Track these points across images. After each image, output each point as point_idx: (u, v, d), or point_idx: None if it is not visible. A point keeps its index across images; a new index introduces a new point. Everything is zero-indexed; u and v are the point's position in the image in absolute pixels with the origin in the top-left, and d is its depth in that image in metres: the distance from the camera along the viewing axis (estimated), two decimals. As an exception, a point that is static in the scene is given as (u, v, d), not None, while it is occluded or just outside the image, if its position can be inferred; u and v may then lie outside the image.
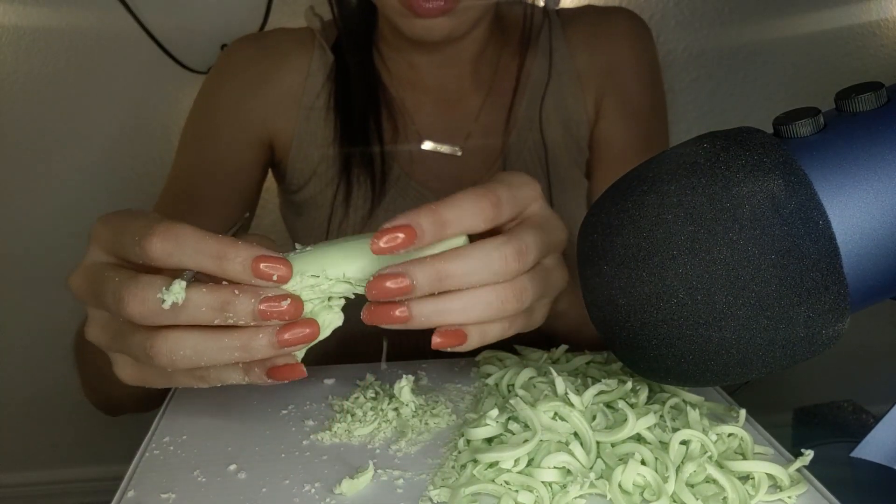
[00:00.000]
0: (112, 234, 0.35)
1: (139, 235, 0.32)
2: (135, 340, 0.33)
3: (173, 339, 0.32)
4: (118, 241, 0.34)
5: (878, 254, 0.29)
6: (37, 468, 1.21)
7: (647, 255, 0.29)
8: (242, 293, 0.32)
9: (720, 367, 0.30)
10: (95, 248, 0.36)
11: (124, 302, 0.32)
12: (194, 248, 0.32)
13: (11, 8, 1.02)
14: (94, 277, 0.35)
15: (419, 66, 0.67)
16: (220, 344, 0.32)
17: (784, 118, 0.31)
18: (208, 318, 0.32)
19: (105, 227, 0.35)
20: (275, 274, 0.32)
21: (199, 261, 0.32)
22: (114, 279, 0.33)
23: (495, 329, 0.37)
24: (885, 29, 1.18)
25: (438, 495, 0.31)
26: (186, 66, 1.05)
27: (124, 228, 0.34)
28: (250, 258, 0.31)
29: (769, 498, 0.31)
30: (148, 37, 1.03)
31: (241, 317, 0.32)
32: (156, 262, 0.32)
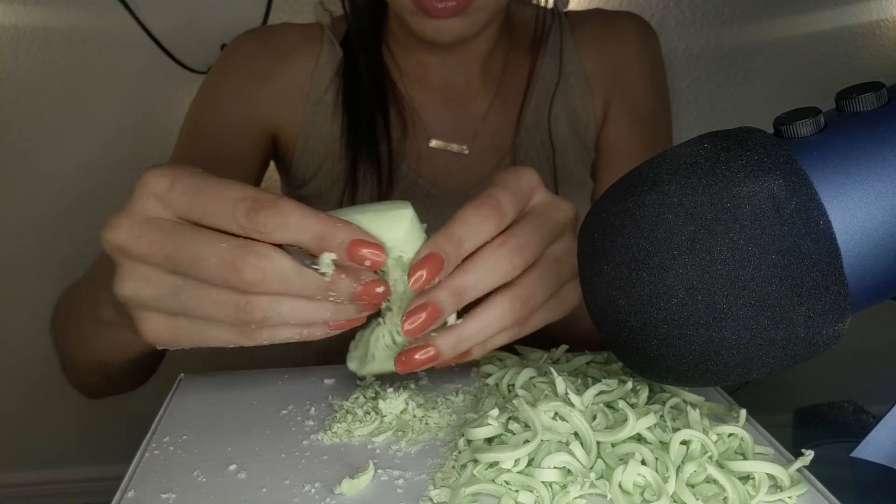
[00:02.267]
0: (192, 193, 0.33)
1: (245, 207, 0.32)
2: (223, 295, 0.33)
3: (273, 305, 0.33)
4: (196, 204, 0.33)
5: (878, 254, 0.29)
6: (37, 468, 1.21)
7: (647, 255, 0.29)
8: (348, 276, 0.33)
9: (720, 368, 0.30)
10: (152, 202, 0.34)
11: (240, 269, 0.32)
12: (298, 225, 0.32)
13: (11, 8, 1.02)
14: (167, 234, 0.33)
15: (428, 65, 0.68)
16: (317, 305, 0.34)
17: (785, 118, 0.31)
18: (312, 294, 0.33)
19: (176, 183, 0.34)
20: (370, 259, 0.33)
21: (301, 237, 0.33)
22: (216, 243, 0.32)
23: (502, 338, 0.38)
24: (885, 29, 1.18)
25: (439, 495, 0.31)
26: (186, 66, 1.05)
27: (215, 192, 0.33)
28: (348, 240, 0.33)
29: (769, 498, 0.31)
30: (148, 37, 1.03)
31: (342, 297, 0.34)
32: (259, 234, 0.32)
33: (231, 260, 0.32)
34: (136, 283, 0.34)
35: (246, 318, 0.33)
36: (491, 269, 0.36)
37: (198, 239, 0.33)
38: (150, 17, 1.03)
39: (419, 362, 0.35)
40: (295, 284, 0.33)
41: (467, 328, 0.36)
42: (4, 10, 1.02)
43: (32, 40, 1.03)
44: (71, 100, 1.06)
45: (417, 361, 0.35)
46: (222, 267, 0.32)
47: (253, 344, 0.35)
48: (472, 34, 0.60)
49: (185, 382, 0.43)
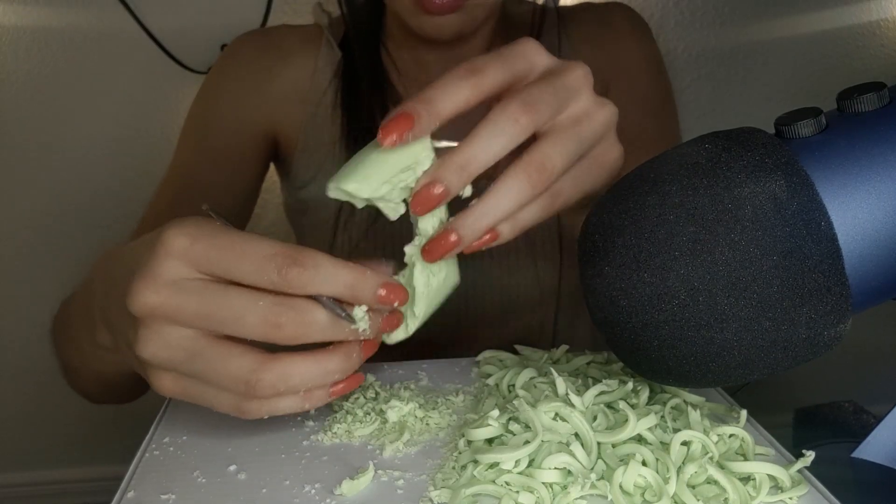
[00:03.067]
0: (218, 251, 0.33)
1: (276, 263, 0.32)
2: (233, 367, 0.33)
3: (282, 367, 0.33)
4: (223, 262, 0.33)
5: (880, 255, 0.29)
6: (37, 468, 1.21)
7: (648, 255, 0.29)
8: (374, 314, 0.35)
9: (721, 368, 0.30)
10: (174, 262, 0.33)
11: (281, 326, 0.32)
12: (331, 277, 0.33)
13: (11, 8, 1.02)
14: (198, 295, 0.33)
15: (427, 65, 0.67)
16: (325, 368, 0.34)
17: (786, 118, 0.30)
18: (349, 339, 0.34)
19: (198, 242, 0.33)
20: (396, 301, 0.34)
21: (334, 289, 0.33)
22: (256, 302, 0.32)
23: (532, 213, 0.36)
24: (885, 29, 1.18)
25: (439, 496, 0.31)
26: (186, 66, 1.05)
27: (243, 249, 0.33)
28: (378, 286, 0.34)
29: (770, 499, 0.31)
30: (148, 37, 1.03)
31: (370, 332, 0.35)
32: (294, 290, 0.32)
33: (273, 318, 0.32)
34: (157, 346, 0.34)
35: (254, 392, 0.33)
36: (493, 134, 0.34)
37: (234, 298, 0.33)
38: (150, 17, 1.03)
39: (444, 248, 0.35)
40: (333, 335, 0.34)
41: (483, 205, 0.35)
42: (4, 10, 1.02)
43: (32, 40, 1.03)
44: (71, 100, 1.06)
45: (442, 248, 0.35)
46: (264, 325, 0.32)
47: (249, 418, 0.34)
48: (471, 30, 0.61)
49: (185, 383, 0.43)
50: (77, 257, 1.10)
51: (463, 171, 0.34)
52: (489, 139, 0.34)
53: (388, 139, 0.33)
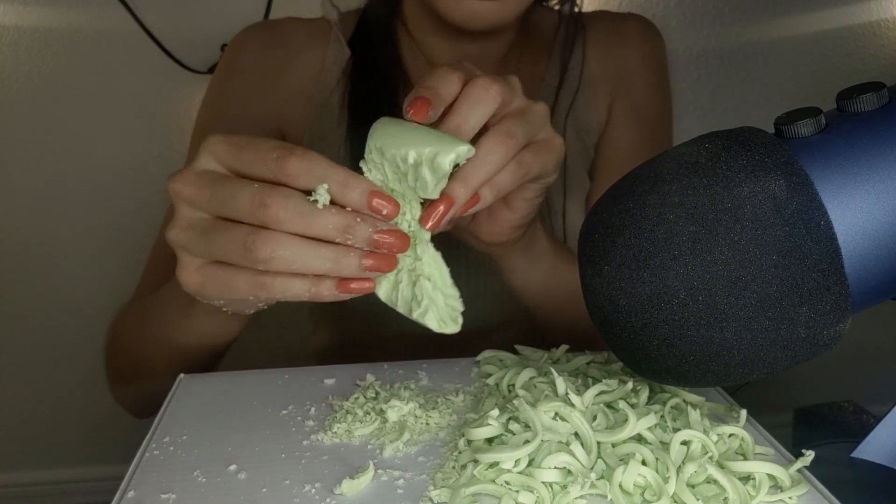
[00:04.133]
0: (234, 148, 0.37)
1: (277, 154, 0.35)
2: (235, 234, 0.36)
3: (277, 237, 0.35)
4: (241, 156, 0.37)
5: (879, 254, 0.29)
6: (37, 468, 1.21)
7: (648, 255, 0.29)
8: (364, 221, 0.35)
9: (721, 368, 0.30)
10: (208, 158, 0.38)
11: (266, 206, 0.35)
12: (325, 171, 0.35)
13: (11, 8, 1.02)
14: (213, 182, 0.37)
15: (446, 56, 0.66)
16: (317, 252, 0.35)
17: (785, 118, 0.31)
18: (331, 235, 0.35)
19: (224, 141, 0.38)
20: (385, 210, 0.35)
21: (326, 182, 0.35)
22: (250, 185, 0.36)
23: (506, 178, 0.40)
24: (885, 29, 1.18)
25: (439, 495, 0.31)
26: (186, 66, 1.05)
27: (251, 146, 0.37)
28: (368, 191, 0.35)
29: (770, 498, 0.31)
30: (148, 37, 1.03)
31: (359, 241, 0.35)
32: (287, 178, 0.35)
33: (260, 197, 0.35)
34: (179, 225, 0.39)
35: (252, 255, 0.35)
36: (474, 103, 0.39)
37: (235, 183, 0.37)
38: (150, 17, 1.03)
39: (441, 213, 0.37)
40: (314, 222, 0.35)
41: (468, 168, 0.38)
42: (4, 10, 1.02)
43: (32, 40, 1.03)
44: (71, 100, 1.06)
45: (440, 213, 0.37)
46: (252, 203, 0.35)
47: (266, 294, 0.37)
48: (504, 23, 0.59)
49: (185, 382, 0.43)
50: (77, 256, 1.10)
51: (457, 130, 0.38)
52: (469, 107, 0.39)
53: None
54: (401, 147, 0.35)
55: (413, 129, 0.36)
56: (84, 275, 1.10)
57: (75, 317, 1.12)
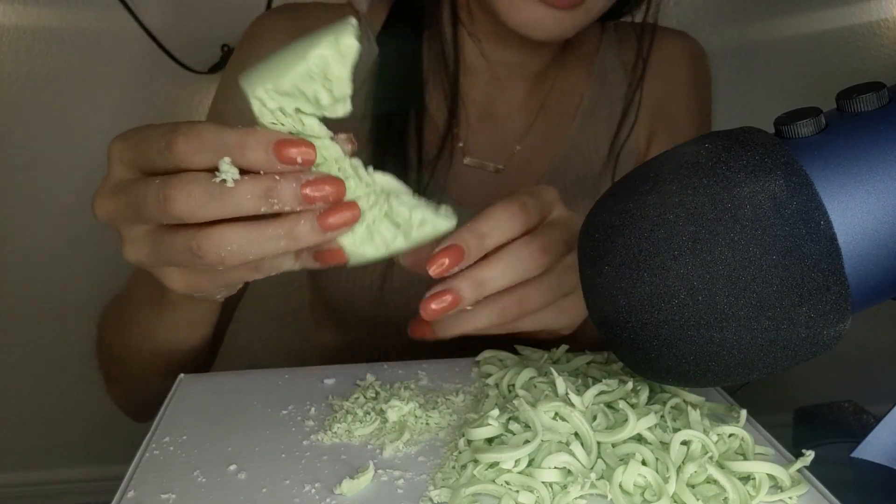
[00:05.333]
0: (132, 147, 0.35)
1: (165, 140, 0.32)
2: (178, 243, 0.33)
3: (219, 234, 0.32)
4: (141, 153, 0.34)
5: (879, 254, 0.29)
6: (37, 468, 1.21)
7: (648, 255, 0.29)
8: (284, 178, 0.32)
9: (721, 368, 0.30)
10: (117, 167, 0.35)
11: (171, 199, 0.31)
12: (217, 142, 0.31)
13: (11, 8, 1.02)
14: (125, 192, 0.34)
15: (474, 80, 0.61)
16: (265, 234, 0.32)
17: (785, 118, 0.31)
18: (255, 207, 0.32)
19: (123, 143, 0.35)
20: (299, 156, 0.31)
21: (223, 153, 0.32)
22: (153, 183, 0.32)
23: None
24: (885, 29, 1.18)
25: (439, 495, 0.31)
26: (186, 66, 1.05)
27: (145, 139, 0.34)
28: (271, 143, 0.31)
29: (770, 498, 0.31)
30: (148, 37, 1.03)
31: (287, 202, 0.32)
32: (184, 162, 0.32)
33: (162, 194, 0.32)
34: (132, 247, 0.36)
35: (204, 261, 0.32)
36: (514, 264, 0.38)
37: (139, 186, 0.33)
38: (150, 17, 1.03)
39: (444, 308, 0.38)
40: (229, 200, 0.31)
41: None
42: (4, 10, 1.02)
43: (32, 40, 1.03)
44: (71, 100, 1.06)
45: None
46: (157, 203, 0.32)
47: (262, 276, 0.35)
48: (568, 35, 0.55)
49: (185, 382, 0.43)
50: (77, 256, 1.10)
51: (480, 287, 0.38)
52: (507, 267, 0.38)
53: (436, 269, 0.36)
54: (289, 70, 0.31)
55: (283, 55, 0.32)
56: (84, 275, 1.10)
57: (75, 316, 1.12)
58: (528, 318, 0.41)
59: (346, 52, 0.31)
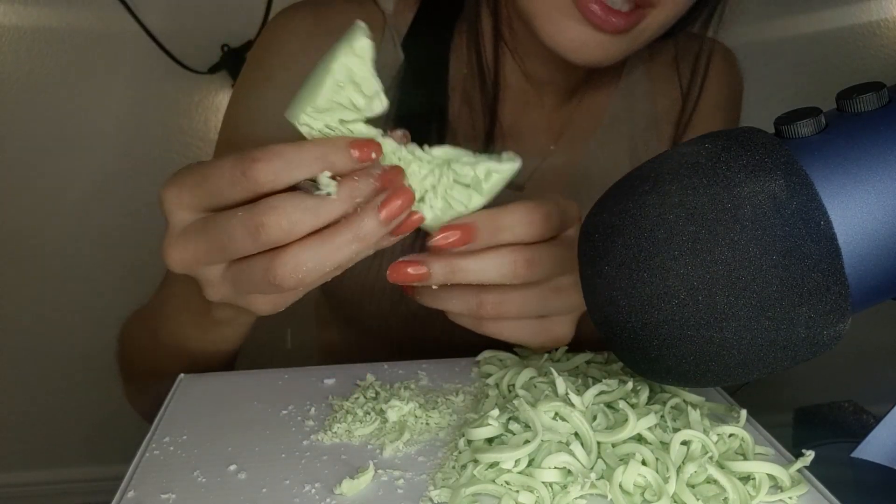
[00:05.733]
0: (192, 190, 0.35)
1: (240, 170, 0.32)
2: (257, 276, 0.34)
3: (292, 258, 0.33)
4: (207, 192, 0.34)
5: (879, 254, 0.29)
6: (37, 468, 1.21)
7: (648, 255, 0.29)
8: (361, 176, 0.34)
9: (721, 368, 0.30)
10: (178, 213, 0.35)
11: (265, 226, 0.32)
12: (298, 158, 0.33)
13: (11, 8, 1.02)
14: (202, 234, 0.34)
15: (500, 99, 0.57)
16: (335, 244, 0.33)
17: (785, 118, 0.31)
18: (343, 212, 0.33)
19: (179, 188, 0.35)
20: (373, 151, 0.34)
21: (308, 167, 0.33)
22: (235, 216, 0.33)
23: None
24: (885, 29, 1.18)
25: (439, 495, 0.31)
26: (186, 66, 1.05)
27: (208, 177, 0.34)
28: (346, 146, 0.33)
29: (770, 498, 0.31)
30: (148, 37, 1.03)
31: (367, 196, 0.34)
32: (266, 185, 0.32)
33: (253, 221, 0.32)
34: (211, 289, 0.37)
35: (282, 286, 0.33)
36: (494, 266, 0.37)
37: (222, 223, 0.34)
38: (150, 17, 1.03)
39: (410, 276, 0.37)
40: (323, 211, 0.33)
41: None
42: (4, 10, 1.02)
43: (32, 40, 1.03)
44: (71, 100, 1.06)
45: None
46: (248, 235, 0.33)
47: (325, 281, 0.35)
48: (612, 62, 0.51)
49: (185, 382, 0.43)
50: (77, 257, 1.10)
51: (451, 274, 0.37)
52: (487, 266, 0.37)
53: (441, 240, 0.36)
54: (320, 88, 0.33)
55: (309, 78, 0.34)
56: (84, 275, 1.10)
57: (76, 317, 1.12)
58: (503, 323, 0.40)
59: (362, 52, 0.33)
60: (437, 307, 0.41)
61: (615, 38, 0.48)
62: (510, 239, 0.37)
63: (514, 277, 0.38)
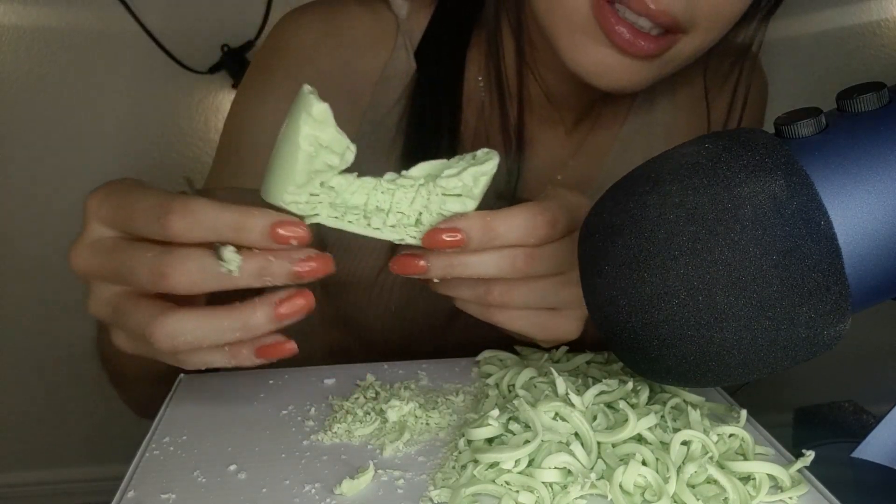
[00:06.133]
0: (116, 210, 0.34)
1: (156, 214, 0.32)
2: (135, 320, 0.33)
3: (172, 323, 0.32)
4: (127, 218, 0.33)
5: (879, 254, 0.29)
6: (37, 468, 1.21)
7: (648, 255, 0.29)
8: (277, 257, 0.32)
9: (721, 368, 0.30)
10: (96, 225, 0.35)
11: (167, 277, 0.31)
12: (213, 221, 0.31)
13: (11, 8, 1.02)
14: (110, 255, 0.34)
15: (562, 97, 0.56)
16: (220, 325, 0.32)
17: (786, 118, 0.30)
18: (248, 285, 0.32)
19: (103, 202, 0.34)
20: (293, 238, 0.32)
21: (219, 233, 0.32)
22: (145, 255, 0.32)
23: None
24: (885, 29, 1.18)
25: (439, 495, 0.31)
26: (186, 66, 1.05)
27: (133, 205, 0.33)
28: (268, 225, 0.32)
29: (770, 498, 0.31)
30: (148, 37, 1.03)
31: (280, 279, 0.32)
32: (177, 238, 0.32)
33: (158, 267, 0.32)
34: (93, 302, 0.36)
35: (155, 342, 0.32)
36: (494, 261, 0.36)
37: (129, 253, 0.33)
38: (150, 17, 1.03)
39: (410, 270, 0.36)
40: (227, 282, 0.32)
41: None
42: (4, 10, 1.02)
43: (32, 40, 1.03)
44: (71, 100, 1.06)
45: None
46: (151, 275, 0.32)
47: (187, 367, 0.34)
48: (639, 88, 0.49)
49: (185, 382, 0.43)
50: (77, 257, 1.10)
51: (450, 268, 0.36)
52: (486, 260, 0.36)
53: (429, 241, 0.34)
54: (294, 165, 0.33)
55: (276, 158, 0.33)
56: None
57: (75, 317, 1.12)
58: (510, 312, 0.39)
59: (322, 116, 0.32)
60: (446, 294, 0.40)
61: (643, 63, 0.46)
62: (509, 241, 0.36)
63: (513, 272, 0.37)
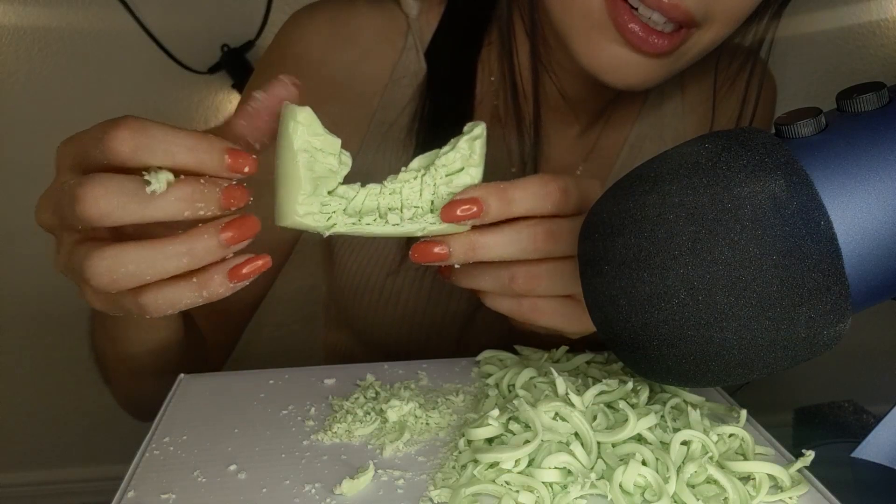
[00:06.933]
0: (74, 146, 0.32)
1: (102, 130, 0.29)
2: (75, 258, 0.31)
3: (111, 255, 0.30)
4: (80, 151, 0.31)
5: (879, 254, 0.29)
6: (37, 468, 1.21)
7: (648, 255, 0.29)
8: (208, 182, 0.30)
9: (721, 368, 0.30)
10: (61, 171, 0.33)
11: (79, 199, 0.29)
12: (166, 141, 0.29)
13: (11, 8, 1.02)
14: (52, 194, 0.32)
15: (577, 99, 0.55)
16: (163, 251, 0.30)
17: (785, 118, 0.31)
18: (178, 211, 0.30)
19: (66, 144, 0.32)
20: (246, 164, 0.31)
21: (173, 154, 0.30)
22: (68, 183, 0.30)
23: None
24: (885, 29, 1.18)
25: (439, 495, 0.31)
26: (186, 66, 1.05)
27: (84, 135, 0.31)
28: (225, 148, 0.31)
29: (770, 498, 0.31)
30: (148, 37, 1.03)
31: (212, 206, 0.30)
32: (124, 158, 0.29)
33: (72, 193, 0.29)
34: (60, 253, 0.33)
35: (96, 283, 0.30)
36: (514, 240, 0.36)
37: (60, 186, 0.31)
38: (150, 17, 1.04)
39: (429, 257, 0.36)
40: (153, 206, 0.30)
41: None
42: (4, 10, 1.02)
43: (32, 40, 1.03)
44: (71, 100, 1.06)
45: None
46: (67, 205, 0.30)
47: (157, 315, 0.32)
48: (652, 85, 0.49)
49: (185, 382, 0.43)
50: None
51: (472, 251, 0.36)
52: (506, 240, 0.36)
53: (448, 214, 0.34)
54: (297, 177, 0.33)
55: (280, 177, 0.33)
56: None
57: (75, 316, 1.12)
58: (539, 302, 0.39)
59: (308, 121, 0.33)
60: (471, 287, 0.39)
61: (656, 60, 0.46)
62: (524, 212, 0.36)
63: (535, 251, 0.36)
